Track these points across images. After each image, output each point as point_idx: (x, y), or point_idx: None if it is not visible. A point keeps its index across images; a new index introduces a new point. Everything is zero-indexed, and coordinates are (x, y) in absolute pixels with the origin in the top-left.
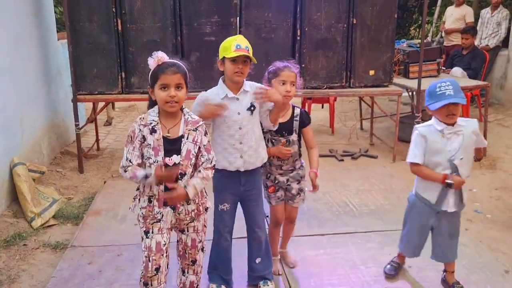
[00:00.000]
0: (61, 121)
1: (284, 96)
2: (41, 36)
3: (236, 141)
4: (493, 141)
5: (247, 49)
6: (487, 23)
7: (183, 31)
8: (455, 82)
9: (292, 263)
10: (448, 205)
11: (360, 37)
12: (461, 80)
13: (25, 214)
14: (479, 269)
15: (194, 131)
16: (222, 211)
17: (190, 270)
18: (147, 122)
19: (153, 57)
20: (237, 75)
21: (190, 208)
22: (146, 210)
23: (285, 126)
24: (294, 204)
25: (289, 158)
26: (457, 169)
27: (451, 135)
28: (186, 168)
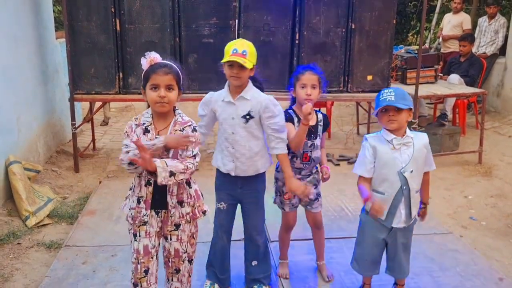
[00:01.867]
0: (57, 120)
1: (305, 99)
2: (38, 34)
3: (229, 144)
4: (489, 149)
5: (244, 53)
6: (485, 31)
7: (182, 32)
8: (401, 90)
9: (328, 277)
10: (399, 221)
11: (359, 42)
12: (459, 87)
13: (20, 212)
14: (473, 276)
15: (180, 131)
16: (219, 209)
17: (174, 278)
18: (141, 122)
19: (146, 57)
20: (233, 79)
21: (184, 211)
22: (135, 211)
23: (314, 130)
24: (313, 209)
25: (311, 163)
26: (407, 182)
27: (401, 146)
28: None
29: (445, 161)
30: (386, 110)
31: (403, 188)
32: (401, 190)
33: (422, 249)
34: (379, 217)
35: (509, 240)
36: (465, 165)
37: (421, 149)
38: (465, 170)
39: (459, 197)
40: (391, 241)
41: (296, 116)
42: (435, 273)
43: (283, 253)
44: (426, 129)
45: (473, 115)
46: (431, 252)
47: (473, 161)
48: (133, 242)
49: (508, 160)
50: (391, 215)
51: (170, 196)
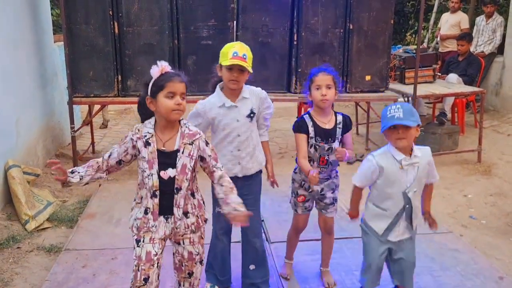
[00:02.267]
0: (56, 124)
1: (321, 100)
2: (37, 38)
3: (234, 148)
4: (488, 147)
5: (244, 57)
6: (483, 30)
7: (180, 34)
8: (408, 105)
9: (330, 284)
10: (396, 235)
11: (357, 42)
12: (457, 86)
13: (19, 216)
14: (474, 275)
15: (190, 145)
16: (218, 213)
17: (186, 282)
18: (142, 134)
19: (158, 65)
20: (232, 83)
21: (189, 221)
22: (140, 222)
23: (331, 133)
24: (328, 214)
25: (328, 166)
26: (410, 201)
27: (408, 167)
28: (182, 182)
29: (445, 160)
30: (395, 127)
31: (406, 207)
32: (403, 208)
33: (422, 248)
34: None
35: (509, 238)
36: (464, 164)
37: (425, 167)
38: (465, 169)
39: (459, 196)
40: (393, 253)
41: (311, 121)
42: (435, 273)
43: (289, 253)
44: (425, 129)
45: (472, 114)
46: (431, 252)
47: (472, 160)
48: (135, 248)
49: (507, 158)
50: (388, 230)
51: (176, 209)
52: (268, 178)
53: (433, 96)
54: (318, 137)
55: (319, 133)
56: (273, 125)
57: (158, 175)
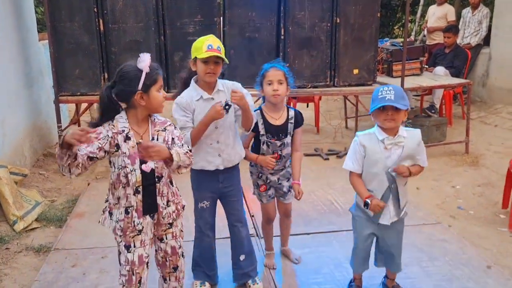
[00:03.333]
0: (43, 123)
1: (273, 95)
2: (21, 37)
3: (213, 140)
4: (475, 138)
5: (218, 49)
6: (469, 22)
7: (166, 30)
8: (400, 89)
9: (296, 259)
10: (388, 217)
11: (344, 36)
12: (444, 78)
13: (7, 217)
14: (462, 264)
15: (163, 131)
16: (202, 208)
17: (172, 277)
18: (119, 129)
19: (144, 59)
20: (209, 75)
21: (171, 209)
22: (124, 223)
23: (281, 129)
24: (286, 201)
25: (282, 159)
26: (394, 180)
27: (392, 146)
28: (162, 170)
29: (433, 152)
30: (384, 108)
31: (391, 187)
32: (389, 188)
33: (411, 239)
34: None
35: (497, 228)
36: (452, 156)
37: (413, 148)
38: (452, 161)
39: (447, 187)
40: (381, 234)
41: (262, 117)
42: (424, 263)
43: (268, 244)
44: (413, 121)
45: (459, 106)
46: (420, 243)
47: (460, 151)
48: (125, 254)
49: (495, 149)
50: (378, 214)
51: (160, 198)
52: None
53: (421, 88)
54: (269, 133)
55: (269, 130)
56: None
57: (141, 170)
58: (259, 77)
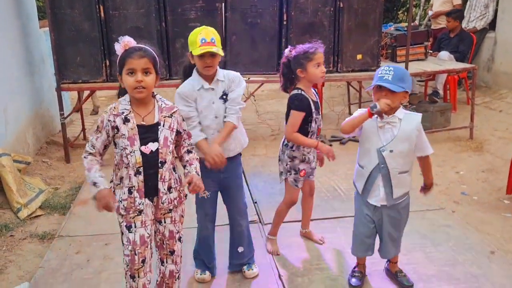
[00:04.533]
0: (46, 111)
1: (321, 77)
2: (22, 24)
3: (213, 130)
4: (480, 124)
5: (213, 41)
6: (475, 5)
7: (167, 17)
8: (401, 70)
9: (320, 240)
10: (377, 199)
11: (347, 21)
12: (449, 63)
13: (11, 205)
14: (465, 250)
15: (169, 118)
16: (202, 198)
17: (168, 260)
18: (119, 111)
19: (120, 42)
20: (207, 69)
21: (172, 196)
22: (127, 202)
23: (318, 104)
24: (312, 178)
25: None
26: (384, 160)
27: (384, 124)
28: (166, 155)
29: (437, 137)
30: (381, 88)
31: (381, 166)
32: (378, 167)
33: (414, 225)
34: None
35: (501, 213)
36: (457, 141)
37: (410, 130)
38: (457, 146)
39: (451, 173)
40: (377, 219)
41: (308, 97)
42: (427, 249)
43: (275, 229)
44: (417, 107)
45: (464, 91)
46: (424, 228)
47: (464, 137)
48: (127, 234)
49: (499, 134)
50: (366, 190)
51: (162, 183)
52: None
53: (425, 73)
54: (315, 110)
55: (316, 106)
56: (265, 107)
57: (140, 152)
58: (299, 58)
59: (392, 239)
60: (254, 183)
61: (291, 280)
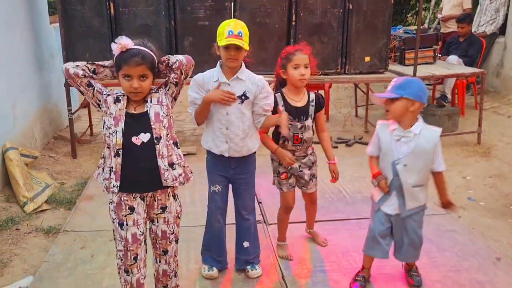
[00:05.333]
0: (54, 106)
1: (299, 79)
2: (32, 20)
3: (222, 125)
4: (488, 129)
5: (240, 34)
6: (486, 9)
7: (177, 15)
8: (403, 79)
9: (323, 242)
10: (391, 208)
11: (356, 22)
12: (457, 67)
13: (18, 198)
14: (471, 256)
15: (156, 93)
16: (214, 192)
17: (162, 259)
18: (113, 93)
19: (116, 42)
20: (230, 61)
21: (176, 173)
22: (107, 182)
23: (302, 111)
24: (308, 190)
25: (303, 143)
26: (397, 174)
27: (400, 137)
28: (160, 130)
29: (444, 142)
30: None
31: (394, 179)
32: (393, 180)
33: None
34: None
35: (508, 220)
36: (464, 146)
37: (427, 146)
38: (464, 151)
39: (458, 178)
40: (395, 223)
41: (282, 99)
42: (432, 254)
43: (282, 235)
44: (425, 111)
45: (472, 96)
46: (429, 233)
47: (472, 142)
48: (119, 231)
49: (507, 140)
50: (382, 200)
51: (161, 159)
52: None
53: (433, 77)
54: (290, 115)
55: (290, 112)
56: None
57: (122, 134)
58: (282, 60)
59: (411, 245)
60: (259, 183)
61: (294, 282)
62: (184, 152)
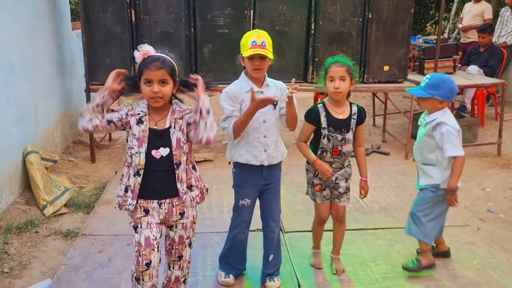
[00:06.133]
0: (74, 111)
1: (334, 93)
2: (55, 26)
3: (260, 134)
4: (508, 140)
5: (263, 44)
6: (506, 21)
7: (197, 23)
8: (437, 77)
9: (336, 270)
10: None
11: (376, 31)
12: (478, 77)
13: (37, 201)
14: (491, 269)
15: (180, 119)
16: (243, 206)
17: (175, 265)
18: (136, 112)
19: (139, 50)
20: (256, 72)
21: (194, 194)
22: (121, 199)
23: (344, 123)
24: (341, 203)
25: (342, 156)
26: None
27: (424, 122)
28: (180, 157)
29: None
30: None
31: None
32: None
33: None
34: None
35: None
36: (484, 157)
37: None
38: (483, 162)
39: (477, 190)
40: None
41: (325, 110)
42: (451, 265)
43: (316, 244)
44: None
45: (492, 106)
46: (447, 244)
47: (491, 153)
48: (134, 234)
49: None
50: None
51: (180, 183)
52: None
53: None
54: (331, 127)
55: (332, 124)
56: None
57: (146, 154)
58: (323, 72)
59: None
60: None
61: None
62: (201, 158)
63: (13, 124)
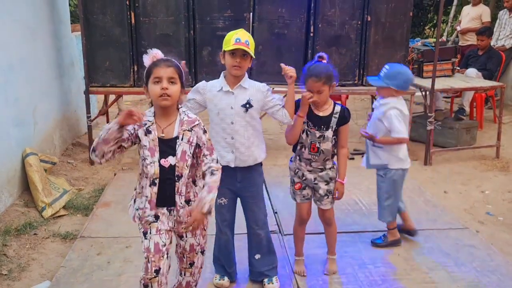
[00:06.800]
0: (73, 113)
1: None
2: (54, 28)
3: (227, 135)
4: (507, 143)
5: (247, 43)
6: (505, 24)
7: (196, 25)
8: (394, 68)
9: (329, 271)
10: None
11: (374, 34)
12: (476, 80)
13: (36, 204)
14: (490, 272)
15: (189, 131)
16: (220, 205)
17: (187, 272)
18: (142, 123)
19: (148, 54)
20: (235, 68)
21: (190, 208)
22: (142, 212)
23: (324, 121)
24: (322, 206)
25: (320, 154)
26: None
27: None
28: (182, 169)
29: (462, 155)
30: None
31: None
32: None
33: (437, 244)
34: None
35: None
36: (482, 160)
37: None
38: (482, 165)
39: (476, 192)
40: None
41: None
42: (450, 268)
43: (298, 249)
44: (443, 123)
45: (491, 109)
46: (446, 247)
47: (490, 156)
48: (143, 241)
49: None
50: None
51: (178, 196)
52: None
53: (452, 90)
54: (310, 122)
55: (311, 119)
56: None
57: (159, 163)
58: (303, 76)
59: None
60: (275, 193)
61: None
62: None
63: (12, 126)
